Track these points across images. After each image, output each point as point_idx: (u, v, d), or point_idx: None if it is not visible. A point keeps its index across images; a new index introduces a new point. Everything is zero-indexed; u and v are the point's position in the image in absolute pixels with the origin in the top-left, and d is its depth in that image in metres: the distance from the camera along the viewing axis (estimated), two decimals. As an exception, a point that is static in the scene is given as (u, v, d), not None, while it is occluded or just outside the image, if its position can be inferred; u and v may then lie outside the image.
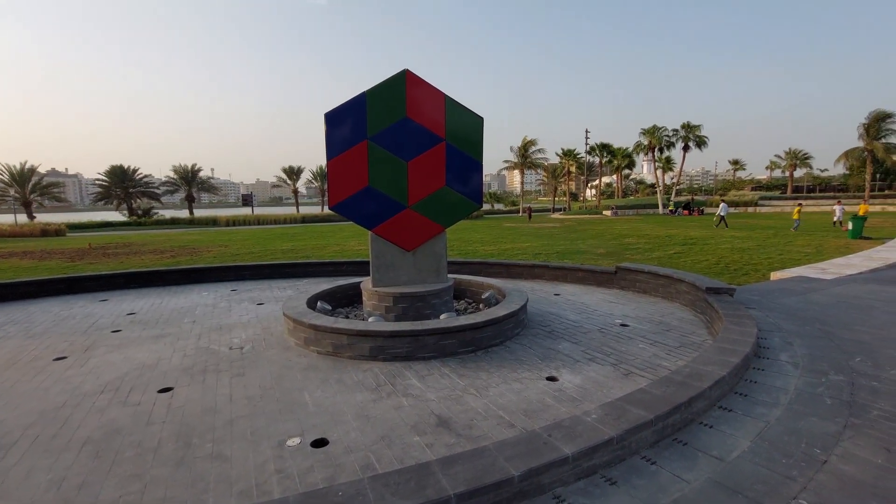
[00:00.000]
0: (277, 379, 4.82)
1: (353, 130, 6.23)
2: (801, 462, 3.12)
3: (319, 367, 5.12)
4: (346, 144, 6.24)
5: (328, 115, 6.13)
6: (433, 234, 6.81)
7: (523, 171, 63.25)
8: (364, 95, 6.18)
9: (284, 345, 5.95)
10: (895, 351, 5.22)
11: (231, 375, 4.96)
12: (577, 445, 2.92)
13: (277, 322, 7.03)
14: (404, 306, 6.43)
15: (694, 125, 51.94)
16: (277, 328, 6.71)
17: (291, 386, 4.63)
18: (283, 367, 5.15)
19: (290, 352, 5.67)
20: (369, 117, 6.22)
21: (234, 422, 3.90)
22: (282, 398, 4.35)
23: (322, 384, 4.65)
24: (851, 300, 7.81)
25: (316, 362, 5.28)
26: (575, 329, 6.43)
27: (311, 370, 5.05)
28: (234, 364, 5.31)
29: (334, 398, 4.32)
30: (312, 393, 4.45)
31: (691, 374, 3.99)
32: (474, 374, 4.85)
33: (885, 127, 47.39)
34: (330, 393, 4.44)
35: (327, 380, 4.76)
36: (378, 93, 6.24)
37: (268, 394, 4.45)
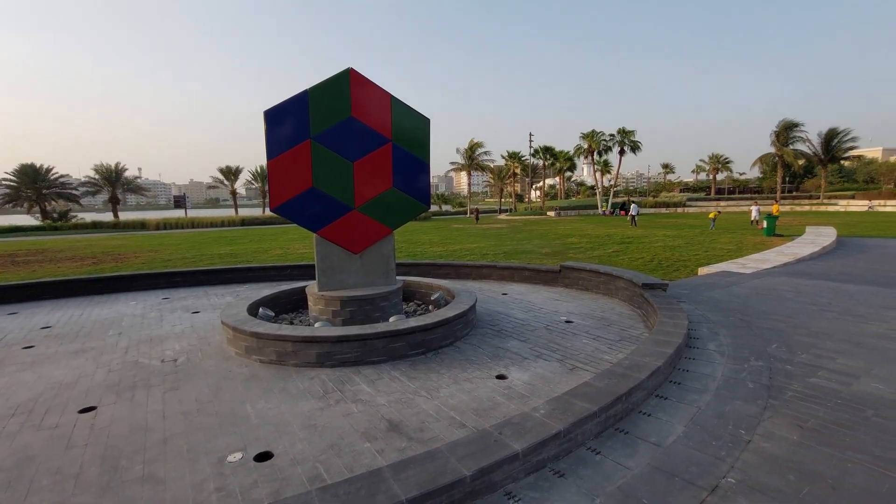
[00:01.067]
0: (216, 391, 4.55)
1: (295, 129, 6.02)
2: (729, 443, 3.37)
3: (262, 377, 4.88)
4: (288, 144, 6.01)
5: (268, 113, 5.88)
6: (381, 235, 6.72)
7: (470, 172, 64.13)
8: (306, 93, 5.98)
9: (223, 355, 5.63)
10: (805, 337, 5.79)
11: (164, 390, 4.62)
12: (527, 441, 2.98)
13: (215, 331, 6.64)
14: (352, 310, 6.29)
15: (629, 130, 54.97)
16: (215, 338, 6.34)
17: (232, 398, 4.38)
18: (222, 379, 4.87)
19: (230, 362, 5.37)
20: (312, 116, 6.03)
21: (168, 440, 3.62)
22: (221, 411, 4.10)
23: (265, 394, 4.44)
24: (767, 292, 8.57)
25: (258, 372, 5.04)
26: (523, 327, 6.58)
27: (254, 380, 4.81)
28: (167, 378, 4.94)
29: (279, 408, 4.13)
30: (255, 404, 4.23)
31: (631, 366, 4.19)
32: (425, 376, 4.82)
33: (793, 135, 52.68)
34: (274, 403, 4.24)
35: (271, 390, 4.55)
36: (321, 91, 6.06)
37: (205, 408, 4.19)
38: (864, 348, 5.31)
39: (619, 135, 55.16)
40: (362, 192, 6.47)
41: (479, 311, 7.34)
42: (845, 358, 5.01)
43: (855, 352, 5.20)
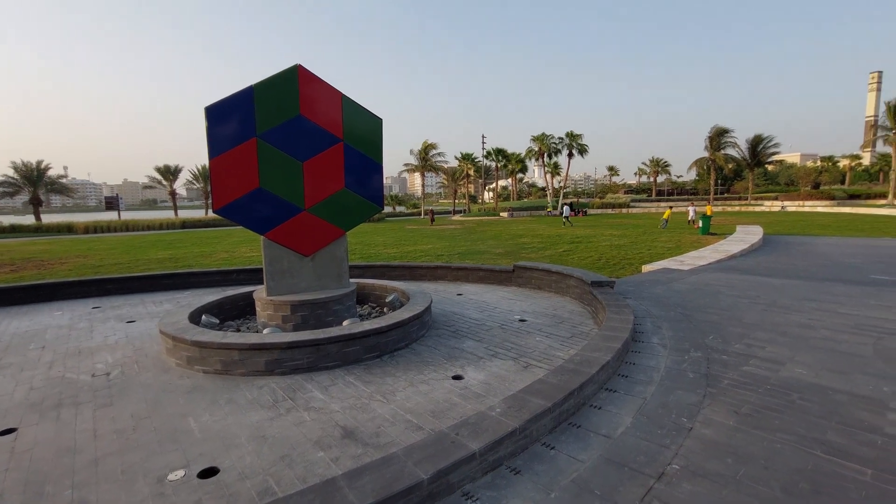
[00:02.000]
0: (155, 406, 4.25)
1: (239, 127, 5.75)
2: (673, 431, 3.54)
3: (206, 388, 4.62)
4: (232, 142, 5.74)
5: (209, 110, 5.58)
6: (333, 237, 6.56)
7: (424, 173, 64.12)
8: (251, 89, 5.73)
9: (163, 366, 5.27)
10: (738, 328, 6.21)
11: (95, 407, 4.25)
12: (484, 440, 2.99)
13: (153, 341, 6.21)
14: (304, 314, 6.09)
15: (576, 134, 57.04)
16: (153, 348, 5.93)
17: (173, 412, 4.11)
18: (161, 392, 4.55)
19: (170, 374, 5.04)
20: (258, 113, 5.78)
21: (101, 461, 3.34)
22: (161, 427, 3.83)
23: (210, 407, 4.20)
24: (704, 287, 9.14)
25: (202, 383, 4.76)
26: (478, 327, 6.63)
27: (197, 392, 4.54)
28: (99, 394, 4.56)
29: (225, 421, 3.92)
30: (199, 418, 3.99)
31: (582, 362, 4.32)
32: (380, 380, 4.74)
33: (724, 140, 56.69)
34: (220, 416, 4.02)
35: (216, 401, 4.31)
36: (267, 87, 5.83)
37: (143, 424, 3.90)
38: (789, 337, 5.76)
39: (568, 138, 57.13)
40: (313, 193, 6.29)
41: (434, 312, 7.32)
42: (773, 347, 5.42)
43: (781, 341, 5.63)
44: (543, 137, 57.82)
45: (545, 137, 57.73)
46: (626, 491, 2.84)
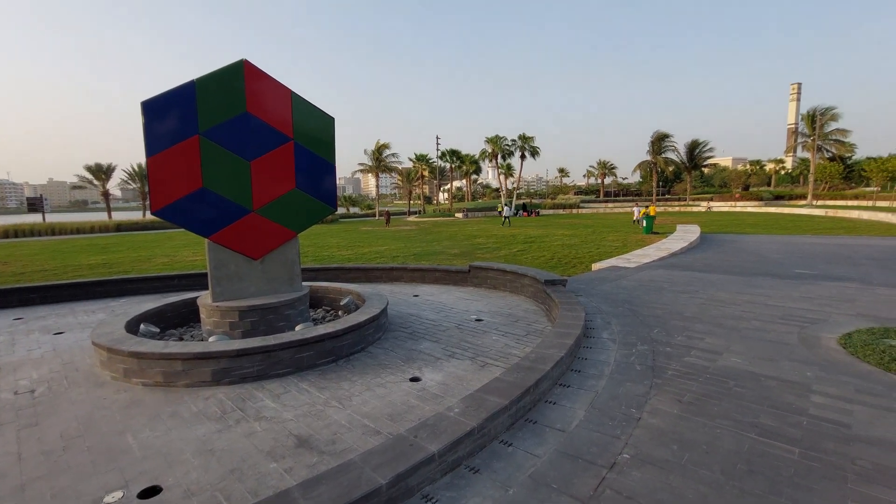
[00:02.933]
0: (88, 423, 3.92)
1: (180, 123, 5.43)
2: (623, 422, 3.69)
3: (146, 402, 4.32)
4: (172, 139, 5.41)
5: (147, 105, 5.24)
6: (284, 239, 6.34)
7: (378, 174, 63.39)
8: (192, 84, 5.43)
9: (96, 381, 4.88)
10: (679, 321, 6.57)
11: (18, 427, 3.87)
12: (443, 441, 2.98)
13: (85, 354, 5.75)
14: (253, 320, 5.84)
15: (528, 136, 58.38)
16: (85, 361, 5.48)
17: (109, 429, 3.81)
18: (95, 408, 4.21)
19: (105, 388, 4.68)
20: (201, 109, 5.49)
21: (27, 486, 3.04)
22: (95, 446, 3.54)
23: (151, 421, 3.93)
24: (648, 283, 9.61)
25: (141, 397, 4.45)
26: (435, 328, 6.63)
27: (135, 407, 4.24)
28: (22, 413, 4.16)
29: (168, 436, 3.68)
30: (138, 434, 3.72)
31: (537, 359, 4.42)
32: (336, 385, 4.63)
33: (665, 144, 60.06)
34: (162, 431, 3.77)
35: (158, 415, 4.04)
36: (210, 83, 5.55)
37: (74, 444, 3.59)
38: (724, 328, 6.17)
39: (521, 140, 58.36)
40: (261, 194, 6.04)
41: (390, 314, 7.25)
42: (711, 338, 5.78)
43: (718, 332, 6.02)
44: (497, 139, 58.78)
45: (498, 139, 58.70)
46: (580, 482, 2.92)
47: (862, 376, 4.46)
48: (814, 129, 50.59)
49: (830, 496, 2.73)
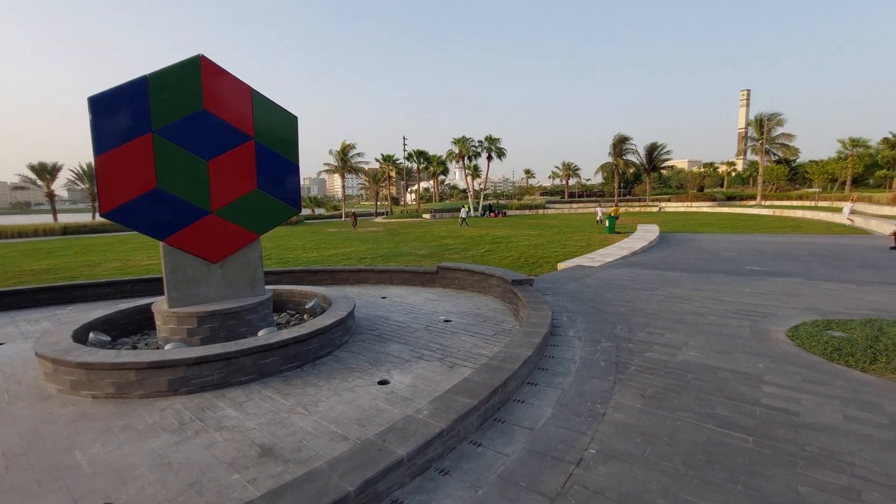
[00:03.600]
0: (31, 441, 3.66)
1: (132, 120, 5.16)
2: (589, 418, 3.76)
3: (97, 416, 4.07)
4: (123, 137, 5.13)
5: (95, 100, 4.95)
6: (245, 242, 6.13)
7: (344, 175, 62.50)
8: (145, 80, 5.17)
9: (40, 395, 4.56)
10: (641, 318, 6.78)
11: (-54, 450, 3.56)
12: (412, 445, 2.95)
13: (28, 366, 5.37)
14: (213, 326, 5.61)
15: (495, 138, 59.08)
16: (28, 374, 5.12)
17: (55, 446, 3.57)
18: (39, 424, 3.94)
19: (51, 402, 4.38)
20: (153, 106, 5.23)
21: (-46, 514, 2.80)
22: (40, 464, 3.31)
23: (102, 436, 3.71)
24: (612, 281, 9.88)
25: (91, 410, 4.19)
26: (403, 330, 6.57)
27: (85, 421, 3.98)
28: (-48, 433, 3.83)
29: (121, 450, 3.48)
30: (88, 449, 3.50)
31: (505, 358, 4.45)
32: (301, 391, 4.51)
33: (625, 147, 62.11)
34: (114, 445, 3.56)
35: (109, 429, 3.82)
36: (164, 78, 5.30)
37: (17, 462, 3.34)
38: (683, 324, 6.41)
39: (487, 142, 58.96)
40: (221, 194, 5.82)
41: (358, 317, 7.14)
42: (671, 333, 5.99)
43: (677, 327, 6.25)
44: (463, 140, 59.12)
45: (465, 140, 59.07)
46: (548, 479, 2.95)
47: (808, 366, 4.73)
48: (762, 133, 53.53)
49: (782, 481, 2.87)
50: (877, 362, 4.62)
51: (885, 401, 3.90)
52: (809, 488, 2.80)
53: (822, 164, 59.65)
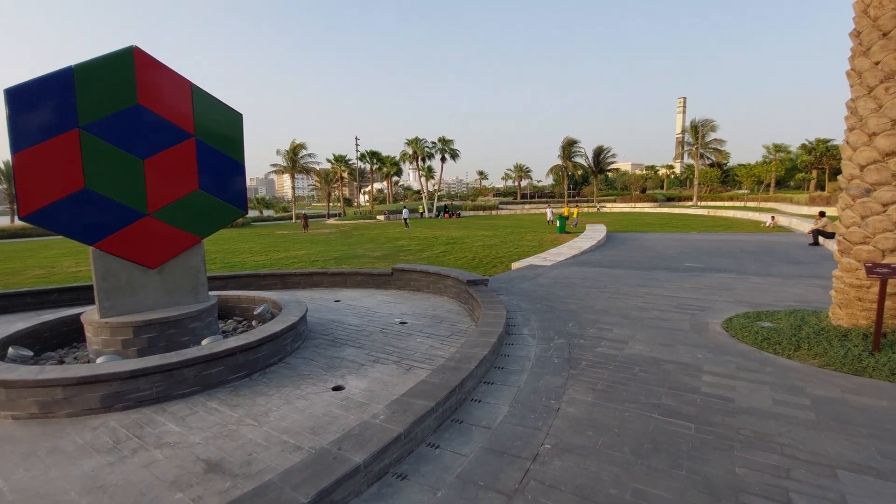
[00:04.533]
0: (-67, 472, 3.26)
1: (55, 115, 4.74)
2: (543, 414, 3.85)
3: (19, 439, 3.70)
4: (46, 133, 4.70)
5: (11, 92, 4.51)
6: (186, 245, 5.79)
7: (294, 175, 60.65)
8: (70, 71, 4.77)
9: (-54, 419, 4.08)
10: (591, 314, 7.03)
11: None
12: (368, 451, 2.89)
13: (-69, 387, 4.79)
14: (151, 336, 5.25)
15: (448, 139, 59.45)
16: (-69, 396, 4.57)
17: (-36, 476, 3.20)
18: (-56, 453, 3.52)
19: (-41, 427, 3.93)
20: (80, 100, 4.83)
21: None
22: (-57, 499, 2.95)
23: (25, 460, 3.37)
24: (563, 280, 10.19)
25: (11, 432, 3.80)
26: (358, 333, 6.45)
27: (5, 444, 3.61)
28: None
29: (47, 475, 3.17)
30: (10, 475, 3.17)
31: (462, 359, 4.46)
32: (250, 402, 4.30)
33: (574, 150, 64.37)
34: (39, 469, 3.24)
35: (33, 452, 3.48)
36: (93, 70, 4.91)
37: (-87, 499, 2.96)
38: (630, 319, 6.71)
39: (441, 143, 59.20)
40: (158, 195, 5.46)
41: (311, 321, 6.93)
42: (618, 328, 6.25)
43: (624, 323, 6.53)
44: (417, 141, 59.05)
45: (418, 141, 59.02)
46: (506, 477, 2.99)
47: (741, 355, 5.08)
48: (697, 138, 57.19)
49: (721, 464, 3.06)
50: (800, 349, 5.04)
51: (808, 385, 4.26)
52: (745, 469, 3.00)
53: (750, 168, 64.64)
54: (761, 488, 2.80)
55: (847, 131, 5.39)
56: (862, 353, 4.72)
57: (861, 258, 5.21)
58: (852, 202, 5.33)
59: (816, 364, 4.72)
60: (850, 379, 4.35)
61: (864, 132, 5.12)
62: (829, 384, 4.25)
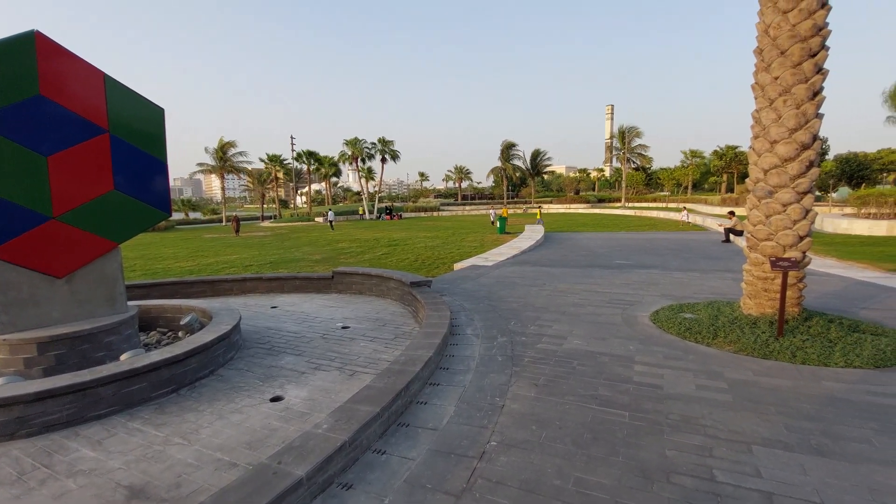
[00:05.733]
0: None
1: (-67, 105, 4.12)
2: (489, 412, 3.90)
3: None
4: (-80, 125, 4.08)
5: None
6: (99, 252, 5.25)
7: (223, 175, 57.29)
8: (-47, 55, 4.17)
9: None
10: (531, 312, 7.25)
11: None
12: (311, 462, 2.77)
13: None
14: (60, 353, 4.72)
15: (388, 140, 58.86)
16: None
17: None
18: None
19: None
20: (-33, 88, 4.24)
21: None
22: None
23: None
24: (504, 279, 10.43)
25: None
26: (297, 340, 6.20)
27: None
28: None
29: (-76, 521, 2.74)
30: None
31: (407, 361, 4.42)
32: (179, 419, 3.99)
33: (512, 153, 66.29)
34: (-87, 515, 2.79)
35: None
36: (-18, 55, 4.33)
37: None
38: (567, 315, 6.99)
39: (380, 144, 58.51)
40: (66, 196, 4.91)
41: (245, 330, 6.56)
42: (557, 325, 6.49)
43: (563, 319, 6.79)
44: (356, 142, 57.95)
45: (357, 142, 57.94)
46: (453, 477, 2.99)
47: (668, 345, 5.46)
48: (624, 143, 60.99)
49: (653, 448, 3.26)
50: (717, 337, 5.50)
51: (725, 369, 4.66)
52: (674, 451, 3.22)
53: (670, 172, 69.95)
54: (689, 468, 3.02)
55: (752, 139, 5.96)
56: (769, 338, 5.25)
57: (766, 253, 5.79)
58: (758, 203, 5.91)
59: (731, 350, 5.18)
60: (759, 362, 4.81)
61: (766, 140, 5.69)
62: (742, 368, 4.68)
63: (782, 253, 5.65)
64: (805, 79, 5.35)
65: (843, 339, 5.16)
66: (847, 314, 6.36)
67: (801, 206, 5.56)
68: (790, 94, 5.41)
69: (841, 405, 3.83)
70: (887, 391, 4.06)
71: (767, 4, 5.59)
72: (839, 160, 37.03)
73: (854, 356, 4.75)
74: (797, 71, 5.35)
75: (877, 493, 2.72)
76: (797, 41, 5.32)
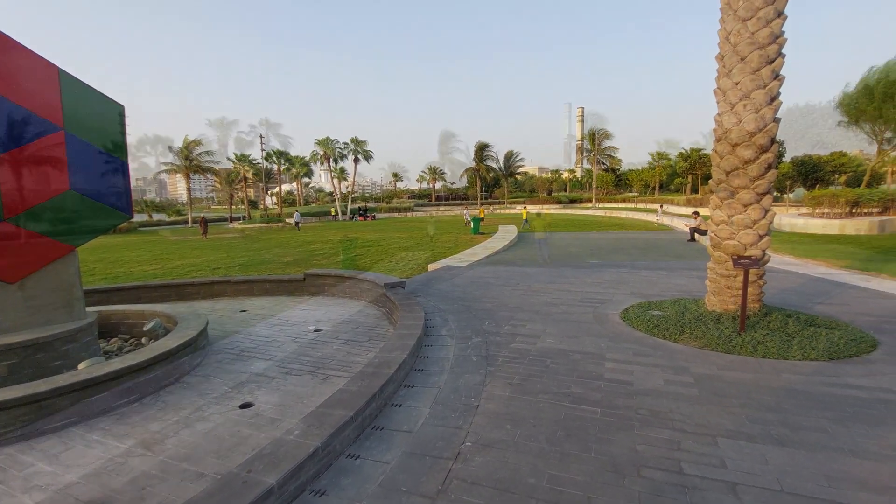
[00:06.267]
0: None
1: None
2: (464, 412, 3.90)
3: None
4: None
5: None
6: (55, 255, 5.00)
7: (189, 175, 55.47)
8: None
9: None
10: (505, 312, 7.30)
11: None
12: (282, 470, 2.71)
13: None
14: (12, 363, 4.46)
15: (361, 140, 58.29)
16: None
17: None
18: None
19: None
20: None
21: None
22: None
23: None
24: (478, 280, 10.48)
25: None
26: (268, 344, 6.05)
27: None
28: None
29: None
30: None
31: (381, 364, 4.38)
32: (142, 429, 3.83)
33: (486, 154, 66.71)
34: None
35: None
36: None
37: None
38: (540, 314, 7.07)
39: (353, 144, 57.89)
40: (17, 198, 4.65)
41: (213, 335, 6.37)
42: (531, 324, 6.56)
43: (536, 318, 6.87)
44: (328, 141, 57.14)
45: (329, 142, 57.15)
46: (429, 479, 2.97)
47: (637, 342, 5.60)
48: (594, 145, 62.30)
49: (624, 444, 3.33)
50: (684, 334, 5.68)
51: (692, 364, 4.81)
52: (644, 445, 3.30)
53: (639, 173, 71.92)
54: (658, 461, 3.10)
55: (715, 141, 6.18)
56: (732, 333, 5.45)
57: (728, 251, 6.01)
58: (720, 203, 6.13)
59: (697, 346, 5.35)
60: (723, 357, 4.99)
61: (728, 143, 5.91)
62: (707, 363, 4.84)
63: (743, 251, 5.88)
64: (763, 84, 5.59)
65: (800, 333, 5.41)
66: (804, 309, 6.68)
67: (760, 207, 5.80)
68: (749, 98, 5.64)
69: (799, 397, 4.01)
70: (840, 381, 4.28)
71: (728, 12, 5.82)
72: (795, 162, 38.86)
73: (810, 349, 4.99)
74: (756, 77, 5.59)
75: (833, 479, 2.86)
76: (756, 48, 5.55)
